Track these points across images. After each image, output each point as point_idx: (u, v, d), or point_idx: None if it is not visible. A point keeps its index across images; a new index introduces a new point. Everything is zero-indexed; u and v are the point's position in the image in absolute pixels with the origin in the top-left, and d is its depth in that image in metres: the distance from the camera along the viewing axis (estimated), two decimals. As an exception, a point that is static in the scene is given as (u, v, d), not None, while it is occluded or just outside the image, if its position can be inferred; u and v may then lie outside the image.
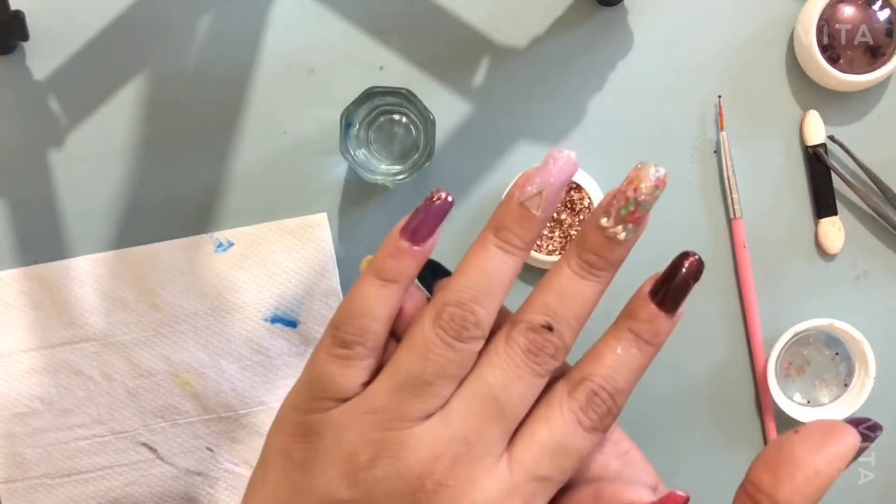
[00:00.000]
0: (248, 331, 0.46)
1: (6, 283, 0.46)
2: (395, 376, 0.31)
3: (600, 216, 0.32)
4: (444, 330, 0.31)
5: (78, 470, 0.46)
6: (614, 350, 0.32)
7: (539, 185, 0.32)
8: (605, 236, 0.32)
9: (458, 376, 0.32)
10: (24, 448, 0.46)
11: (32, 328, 0.46)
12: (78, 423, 0.46)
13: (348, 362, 0.32)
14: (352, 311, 0.32)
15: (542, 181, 0.32)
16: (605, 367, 0.32)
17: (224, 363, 0.46)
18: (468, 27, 0.46)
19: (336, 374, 0.32)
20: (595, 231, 0.32)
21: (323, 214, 0.46)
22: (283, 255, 0.46)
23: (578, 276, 0.32)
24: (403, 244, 0.32)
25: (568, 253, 0.33)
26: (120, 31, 0.46)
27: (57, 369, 0.46)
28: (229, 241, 0.46)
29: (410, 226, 0.33)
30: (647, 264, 0.47)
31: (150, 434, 0.46)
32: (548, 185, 0.32)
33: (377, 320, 0.32)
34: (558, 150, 0.32)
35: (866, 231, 0.47)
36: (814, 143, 0.46)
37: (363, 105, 0.43)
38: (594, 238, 0.32)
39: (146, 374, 0.46)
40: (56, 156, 0.47)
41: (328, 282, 0.46)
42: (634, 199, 0.32)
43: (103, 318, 0.46)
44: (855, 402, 0.46)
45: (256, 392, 0.46)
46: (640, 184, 0.32)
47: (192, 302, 0.46)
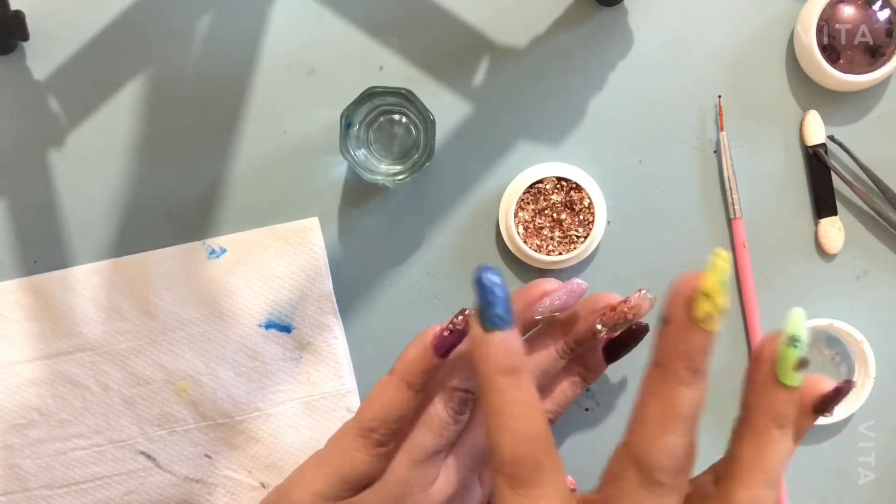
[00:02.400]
0: (242, 337, 0.46)
1: (1, 294, 0.46)
2: (414, 452, 0.37)
3: (596, 322, 0.39)
4: (454, 409, 0.37)
5: (77, 480, 0.46)
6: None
7: (551, 310, 0.39)
8: (592, 331, 0.39)
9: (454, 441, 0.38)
10: (22, 459, 0.46)
11: (28, 339, 0.46)
12: (75, 433, 0.46)
13: (381, 458, 0.37)
14: (386, 417, 0.36)
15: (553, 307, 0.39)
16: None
17: (220, 370, 0.46)
18: (468, 27, 0.46)
19: (373, 468, 0.37)
20: (587, 328, 0.39)
21: (314, 219, 0.46)
22: (276, 261, 0.46)
23: (560, 356, 0.40)
24: (435, 360, 0.36)
25: (557, 334, 0.40)
26: (120, 31, 0.46)
27: (53, 380, 0.46)
28: (222, 248, 0.46)
29: (445, 347, 0.36)
30: (648, 264, 0.47)
31: (148, 442, 0.46)
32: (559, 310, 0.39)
33: (407, 421, 0.37)
34: (575, 281, 0.40)
35: (866, 231, 0.47)
36: (814, 143, 0.46)
37: (363, 105, 0.43)
38: (584, 331, 0.40)
39: (142, 383, 0.46)
40: (56, 156, 0.47)
41: (321, 286, 0.46)
42: (630, 321, 0.39)
43: (99, 327, 0.46)
44: (855, 402, 0.46)
45: (252, 398, 0.46)
46: (639, 312, 0.39)
47: (186, 309, 0.46)
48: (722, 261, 0.29)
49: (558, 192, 0.45)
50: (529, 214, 0.45)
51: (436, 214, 0.47)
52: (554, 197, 0.45)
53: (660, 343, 0.31)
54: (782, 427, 0.31)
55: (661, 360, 0.31)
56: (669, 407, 0.30)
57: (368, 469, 0.37)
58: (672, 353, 0.30)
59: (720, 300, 0.29)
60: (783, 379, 0.30)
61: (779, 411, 0.31)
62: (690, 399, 0.30)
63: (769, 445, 0.31)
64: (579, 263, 0.47)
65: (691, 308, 0.29)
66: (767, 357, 0.30)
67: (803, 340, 0.30)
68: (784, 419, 0.31)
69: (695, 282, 0.29)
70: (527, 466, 0.30)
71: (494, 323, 0.31)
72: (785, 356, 0.30)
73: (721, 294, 0.29)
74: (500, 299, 0.31)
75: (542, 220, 0.45)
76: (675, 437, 0.30)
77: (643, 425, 0.31)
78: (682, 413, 0.30)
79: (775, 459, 0.31)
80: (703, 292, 0.29)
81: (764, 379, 0.31)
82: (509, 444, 0.30)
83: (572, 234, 0.45)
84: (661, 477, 0.30)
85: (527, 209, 0.45)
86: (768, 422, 0.31)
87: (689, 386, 0.30)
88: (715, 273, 0.29)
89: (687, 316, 0.29)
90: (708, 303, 0.29)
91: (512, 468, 0.30)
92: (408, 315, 0.47)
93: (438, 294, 0.47)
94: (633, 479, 0.30)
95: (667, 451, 0.30)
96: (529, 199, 0.45)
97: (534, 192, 0.45)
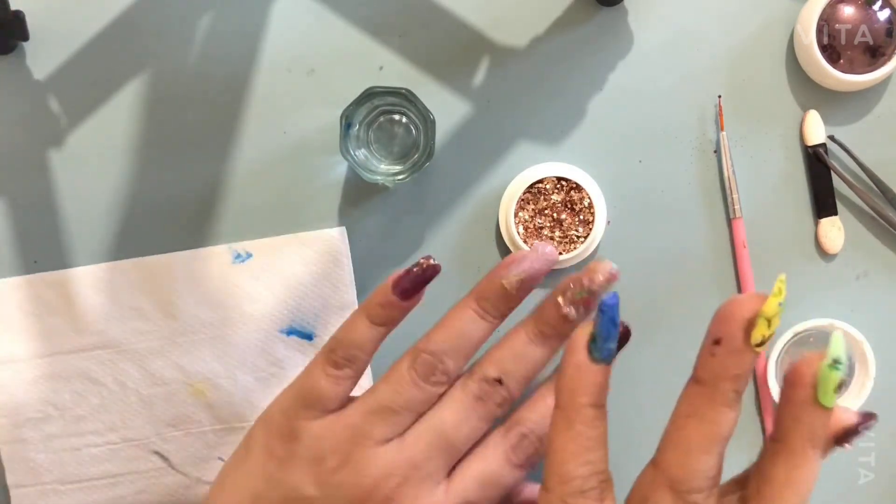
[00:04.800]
0: (263, 342, 0.46)
1: (22, 288, 0.46)
2: (370, 401, 0.38)
3: (559, 296, 0.38)
4: (416, 372, 0.38)
5: (89, 477, 0.46)
6: (545, 398, 0.39)
7: (521, 273, 0.38)
8: (560, 313, 0.38)
9: (420, 412, 0.38)
10: (36, 453, 0.46)
11: (47, 334, 0.46)
12: (91, 429, 0.46)
13: (337, 381, 0.38)
14: (345, 340, 0.38)
15: (525, 269, 0.39)
16: (538, 413, 0.39)
17: (238, 374, 0.46)
18: (468, 27, 0.46)
19: (326, 389, 0.38)
20: (552, 307, 0.38)
21: (342, 228, 0.46)
22: (300, 268, 0.46)
23: (531, 342, 0.39)
24: (393, 298, 0.38)
25: (527, 320, 0.39)
26: (120, 31, 0.46)
27: (71, 376, 0.46)
28: (248, 253, 0.46)
29: (401, 285, 0.38)
30: (648, 264, 0.47)
31: (162, 443, 0.46)
32: (529, 273, 0.39)
33: (364, 352, 0.39)
34: (543, 244, 0.40)
35: (866, 231, 0.47)
36: (814, 143, 0.46)
37: (363, 105, 0.43)
38: (550, 313, 0.38)
39: (160, 383, 0.46)
40: (56, 156, 0.47)
41: (345, 295, 0.46)
42: (588, 288, 0.37)
43: (119, 325, 0.46)
44: (855, 402, 0.46)
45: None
46: (594, 275, 0.37)
47: (208, 312, 0.46)
48: (783, 285, 0.29)
49: (558, 192, 0.45)
50: (529, 214, 0.45)
51: (436, 214, 0.47)
52: (554, 197, 0.45)
53: (707, 362, 0.30)
54: (816, 448, 0.31)
55: (706, 379, 0.30)
56: (712, 429, 0.30)
57: (323, 389, 0.38)
58: (722, 374, 0.30)
59: (776, 323, 0.29)
60: (823, 400, 0.30)
61: (816, 433, 0.31)
62: (731, 420, 0.30)
63: (804, 466, 0.31)
64: (579, 263, 0.47)
65: (749, 331, 0.29)
66: (809, 380, 0.30)
67: (845, 363, 0.30)
68: (819, 440, 0.31)
69: (756, 304, 0.29)
70: (594, 497, 0.31)
71: (605, 356, 0.31)
72: (827, 378, 0.30)
73: (779, 318, 0.29)
74: (617, 334, 0.31)
75: (542, 220, 0.45)
76: (713, 457, 0.30)
77: (682, 447, 0.31)
78: (723, 434, 0.30)
79: (809, 480, 0.31)
80: (763, 316, 0.29)
81: (804, 400, 0.30)
82: (585, 476, 0.30)
83: (572, 234, 0.45)
84: (697, 499, 0.30)
85: (527, 209, 0.45)
86: (805, 442, 0.31)
87: (732, 408, 0.30)
88: (777, 298, 0.29)
89: (744, 339, 0.29)
90: (766, 327, 0.29)
91: (580, 499, 0.31)
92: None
93: (438, 294, 0.47)
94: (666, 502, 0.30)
95: (703, 472, 0.30)
96: (529, 199, 0.45)
97: (534, 192, 0.45)
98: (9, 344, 0.46)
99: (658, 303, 0.47)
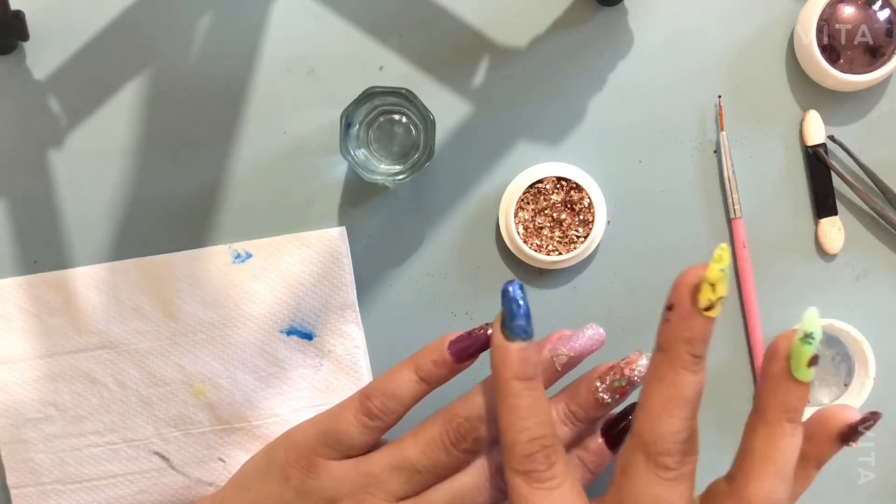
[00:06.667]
0: (263, 342, 0.46)
1: (22, 288, 0.46)
2: (396, 455, 0.37)
3: (595, 380, 0.38)
4: (448, 435, 0.37)
5: (90, 477, 0.46)
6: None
7: (570, 351, 0.38)
8: (595, 398, 0.38)
9: (442, 476, 0.37)
10: (36, 454, 0.46)
11: (48, 334, 0.46)
12: (91, 429, 0.46)
13: (367, 430, 0.38)
14: (386, 391, 0.37)
15: (572, 348, 0.38)
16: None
17: (239, 374, 0.46)
18: (468, 27, 0.46)
19: (354, 436, 0.38)
20: (588, 391, 0.38)
21: (342, 228, 0.46)
22: (300, 268, 0.46)
23: (560, 422, 0.38)
24: (448, 357, 0.37)
25: (558, 398, 0.39)
26: (120, 32, 0.46)
27: (71, 376, 0.46)
28: (247, 253, 0.46)
29: (459, 346, 0.37)
30: (648, 264, 0.47)
31: (162, 443, 0.46)
32: (576, 352, 0.38)
33: (402, 406, 0.38)
34: (593, 326, 0.39)
35: (866, 231, 0.47)
36: (814, 143, 0.46)
37: (363, 105, 0.43)
38: (585, 396, 0.38)
39: (160, 383, 0.46)
40: (56, 156, 0.47)
41: (345, 295, 0.46)
42: (628, 378, 0.38)
43: (119, 326, 0.46)
44: (855, 402, 0.46)
45: (270, 404, 0.46)
46: (634, 365, 0.38)
47: (208, 312, 0.46)
48: (724, 253, 0.31)
49: (558, 191, 0.45)
50: (529, 214, 0.45)
51: (436, 214, 0.47)
52: (554, 197, 0.45)
53: (664, 329, 0.33)
54: (793, 422, 0.32)
55: (664, 344, 0.32)
56: (673, 391, 0.32)
57: (352, 436, 0.38)
58: (676, 338, 0.32)
59: (721, 289, 0.31)
60: (796, 374, 0.32)
61: (791, 405, 0.32)
62: (692, 383, 0.32)
63: (781, 438, 0.32)
64: (579, 263, 0.47)
65: (695, 296, 0.31)
66: (783, 353, 0.32)
67: (817, 338, 0.32)
68: (795, 413, 0.32)
69: (701, 271, 0.31)
70: (540, 460, 0.33)
71: (516, 332, 0.34)
72: (799, 352, 0.32)
73: (723, 283, 0.31)
74: (524, 312, 0.34)
75: (542, 220, 0.45)
76: (679, 420, 0.32)
77: (649, 411, 0.32)
78: (685, 396, 0.32)
79: (786, 452, 0.33)
80: (707, 281, 0.31)
81: (778, 374, 0.32)
82: (524, 441, 0.33)
83: (572, 234, 0.45)
84: (667, 461, 0.32)
85: (527, 209, 0.45)
86: (780, 415, 0.32)
87: (692, 371, 0.32)
88: (718, 263, 0.31)
89: (691, 303, 0.32)
90: (711, 291, 0.31)
91: (526, 464, 0.33)
92: (407, 315, 0.47)
93: (438, 294, 0.47)
94: (641, 467, 0.32)
95: (671, 433, 0.32)
96: (529, 199, 0.45)
97: (534, 192, 0.45)
98: (9, 344, 0.46)
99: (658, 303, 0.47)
